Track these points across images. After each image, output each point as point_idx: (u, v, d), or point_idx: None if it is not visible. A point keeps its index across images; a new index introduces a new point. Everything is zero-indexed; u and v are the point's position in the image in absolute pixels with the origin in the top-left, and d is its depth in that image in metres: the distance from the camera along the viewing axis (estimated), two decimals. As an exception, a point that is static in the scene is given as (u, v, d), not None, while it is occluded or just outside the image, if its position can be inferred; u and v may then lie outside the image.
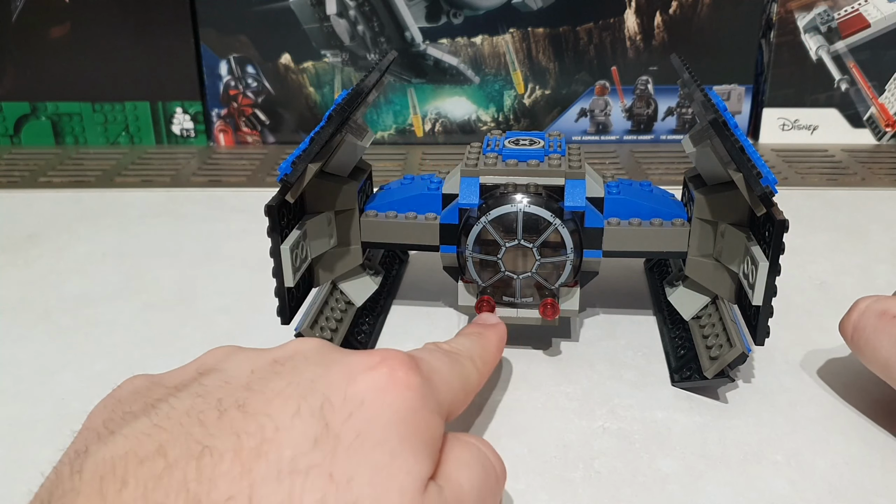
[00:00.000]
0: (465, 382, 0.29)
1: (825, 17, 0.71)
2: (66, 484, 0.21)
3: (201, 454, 0.21)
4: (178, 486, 0.20)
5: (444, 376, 0.27)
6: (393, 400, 0.23)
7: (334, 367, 0.24)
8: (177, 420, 0.22)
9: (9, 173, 0.69)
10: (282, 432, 0.22)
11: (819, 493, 0.30)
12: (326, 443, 0.22)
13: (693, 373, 0.37)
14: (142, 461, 0.21)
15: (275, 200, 0.34)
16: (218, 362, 0.26)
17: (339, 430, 0.22)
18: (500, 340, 0.34)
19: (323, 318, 0.39)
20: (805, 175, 0.67)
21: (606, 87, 0.74)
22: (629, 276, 0.48)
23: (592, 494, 0.30)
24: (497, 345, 0.34)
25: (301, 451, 0.21)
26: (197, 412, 0.22)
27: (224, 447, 0.21)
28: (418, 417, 0.24)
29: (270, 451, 0.21)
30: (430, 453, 0.24)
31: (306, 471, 0.21)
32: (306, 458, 0.21)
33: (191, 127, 0.76)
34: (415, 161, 0.71)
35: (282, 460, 0.21)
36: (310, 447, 0.21)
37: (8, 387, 0.38)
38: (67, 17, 0.72)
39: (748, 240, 0.35)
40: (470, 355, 0.30)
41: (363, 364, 0.24)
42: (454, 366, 0.29)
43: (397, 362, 0.24)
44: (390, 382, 0.24)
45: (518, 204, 0.36)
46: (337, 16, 0.71)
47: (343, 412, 0.22)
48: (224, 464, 0.21)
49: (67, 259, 0.52)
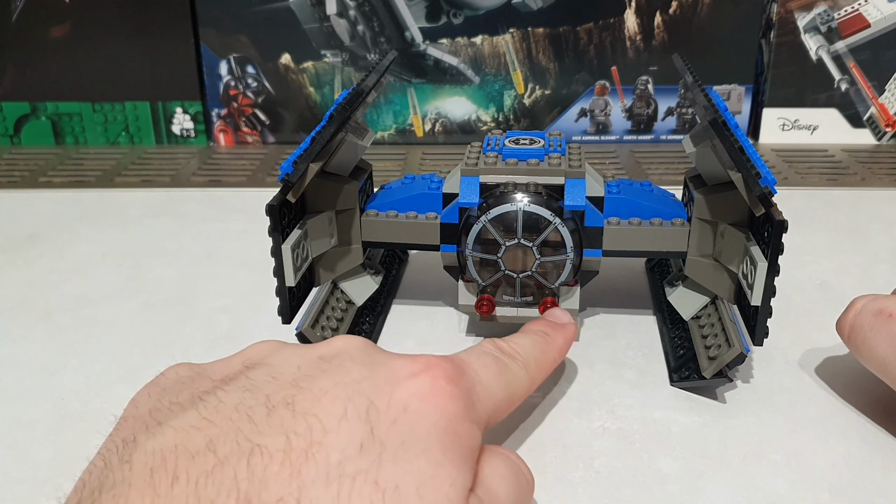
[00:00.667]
0: (510, 391, 0.28)
1: (825, 17, 0.71)
2: (117, 474, 0.21)
3: (252, 452, 0.21)
4: (230, 483, 0.20)
5: (488, 385, 0.27)
6: (434, 409, 0.23)
7: (379, 369, 0.24)
8: (226, 415, 0.22)
9: (9, 173, 0.69)
10: (330, 435, 0.22)
11: (819, 493, 0.30)
12: (372, 448, 0.22)
13: (692, 373, 0.37)
14: (192, 456, 0.21)
15: (276, 200, 0.34)
16: (264, 357, 0.26)
17: (384, 436, 0.22)
18: (565, 344, 0.34)
19: (324, 318, 0.39)
20: (805, 175, 0.67)
21: (606, 87, 0.74)
22: (629, 276, 0.48)
23: (592, 494, 0.30)
24: (561, 349, 0.33)
25: (348, 455, 0.21)
26: (246, 407, 0.22)
27: (274, 447, 0.21)
28: (459, 427, 0.24)
29: (319, 454, 0.21)
30: (470, 465, 0.23)
31: (353, 476, 0.21)
32: (353, 463, 0.21)
33: (191, 127, 0.76)
34: (415, 161, 0.71)
35: (329, 464, 0.21)
36: (356, 452, 0.21)
37: (8, 387, 0.38)
38: (67, 17, 0.72)
39: (747, 240, 0.35)
40: (525, 360, 0.30)
41: (407, 369, 0.24)
42: (501, 374, 0.28)
43: (441, 371, 0.24)
44: (433, 391, 0.24)
45: (518, 203, 0.36)
46: (337, 16, 0.71)
47: (387, 418, 0.22)
48: (274, 464, 0.21)
49: (67, 259, 0.52)
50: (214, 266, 0.50)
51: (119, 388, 0.37)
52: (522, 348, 0.30)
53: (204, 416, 0.22)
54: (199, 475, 0.20)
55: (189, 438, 0.22)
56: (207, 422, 0.22)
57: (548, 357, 0.32)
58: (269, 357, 0.26)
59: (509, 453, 0.26)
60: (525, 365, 0.30)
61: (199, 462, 0.21)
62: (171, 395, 0.24)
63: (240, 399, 0.23)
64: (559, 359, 0.33)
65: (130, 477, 0.21)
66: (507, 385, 0.28)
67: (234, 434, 0.22)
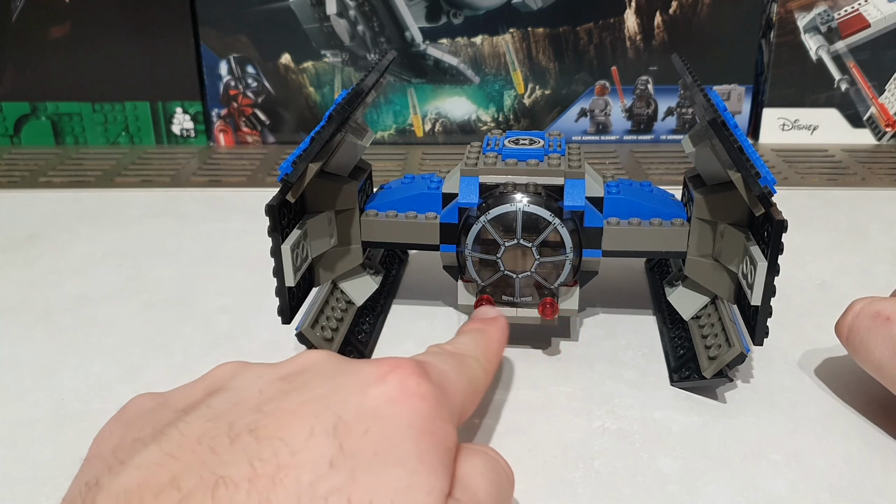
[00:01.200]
0: (473, 384, 0.28)
1: (825, 17, 0.71)
2: None
3: (216, 485, 0.20)
4: None
5: (454, 380, 0.27)
6: (407, 411, 0.23)
7: (344, 379, 0.24)
8: (188, 448, 0.22)
9: (9, 173, 0.69)
10: (297, 456, 0.21)
11: (819, 493, 0.30)
12: (343, 464, 0.21)
13: (692, 373, 0.37)
14: (156, 494, 0.20)
15: (276, 200, 0.34)
16: (225, 381, 0.25)
17: (356, 448, 0.22)
18: (502, 335, 0.34)
19: (323, 318, 0.39)
20: (805, 175, 0.67)
21: (606, 87, 0.74)
22: (629, 276, 0.48)
23: (592, 494, 0.30)
24: (500, 340, 0.33)
25: (318, 474, 0.21)
26: (208, 438, 0.22)
27: (239, 476, 0.21)
28: (434, 428, 0.23)
29: (287, 478, 0.21)
30: (447, 468, 0.23)
31: (325, 496, 0.20)
32: (325, 483, 0.21)
33: (191, 127, 0.76)
34: (415, 161, 0.71)
35: (300, 486, 0.20)
36: (326, 470, 0.21)
37: (8, 387, 0.38)
38: (67, 17, 0.72)
39: (747, 240, 0.35)
40: (474, 355, 0.30)
41: (373, 375, 0.24)
42: (461, 368, 0.28)
43: (407, 371, 0.24)
44: (402, 393, 0.23)
45: (517, 203, 0.36)
46: (337, 16, 0.71)
47: (358, 429, 0.22)
48: (241, 494, 0.20)
49: (67, 259, 0.52)
50: (214, 266, 0.50)
51: (119, 388, 0.37)
52: (466, 345, 0.30)
53: (166, 452, 0.22)
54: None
55: (153, 476, 0.21)
56: (170, 457, 0.22)
57: (491, 348, 0.32)
58: (231, 381, 0.25)
59: (486, 448, 0.26)
60: (476, 358, 0.30)
61: (163, 500, 0.20)
62: (134, 431, 0.24)
63: (202, 429, 0.22)
64: (501, 350, 0.33)
65: None
66: (469, 378, 0.28)
67: (197, 467, 0.21)
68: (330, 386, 0.24)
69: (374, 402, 0.23)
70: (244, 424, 0.22)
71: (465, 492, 0.23)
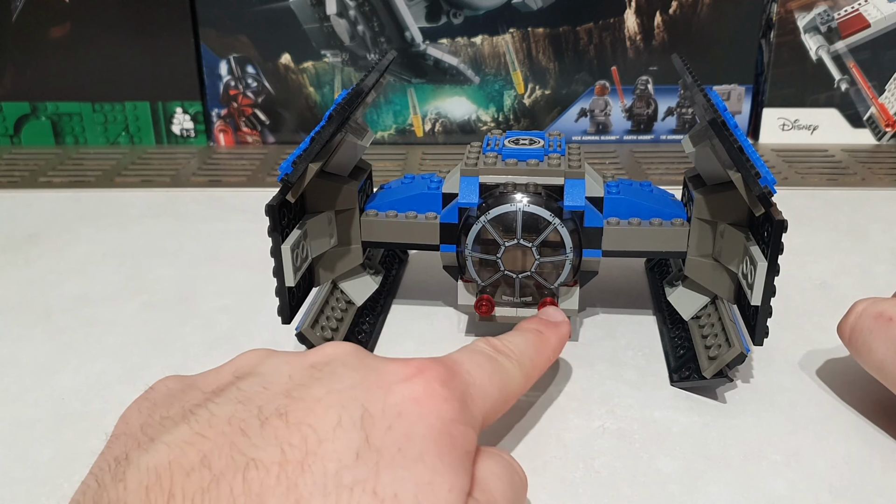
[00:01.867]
0: (504, 390, 0.28)
1: (825, 17, 0.71)
2: (111, 493, 0.21)
3: (247, 467, 0.21)
4: (227, 500, 0.20)
5: (482, 385, 0.27)
6: (429, 413, 0.23)
7: (371, 374, 0.24)
8: (219, 429, 0.22)
9: (9, 173, 0.69)
10: (325, 444, 0.21)
11: (819, 493, 0.30)
12: (368, 457, 0.21)
13: (692, 373, 0.37)
14: (187, 473, 0.21)
15: (275, 200, 0.34)
16: (254, 366, 0.25)
17: (380, 443, 0.22)
18: (559, 342, 0.33)
19: (323, 318, 0.39)
20: (805, 175, 0.67)
21: (606, 87, 0.74)
22: (629, 276, 0.48)
23: (592, 494, 0.30)
24: (555, 348, 0.33)
25: (344, 464, 0.21)
26: (238, 420, 0.22)
27: (269, 460, 0.21)
28: (454, 430, 0.23)
29: (315, 465, 0.21)
30: (466, 468, 0.23)
31: (351, 486, 0.21)
32: (350, 473, 0.21)
33: (191, 127, 0.76)
34: (415, 161, 0.71)
35: (327, 474, 0.21)
36: (352, 461, 0.21)
37: (8, 387, 0.38)
38: (67, 17, 0.72)
39: (747, 240, 0.35)
40: (519, 358, 0.30)
41: (400, 374, 0.24)
42: (495, 373, 0.28)
43: (433, 374, 0.24)
44: (426, 394, 0.23)
45: (517, 203, 0.36)
46: (337, 16, 0.71)
47: (382, 424, 0.22)
48: (270, 478, 0.20)
49: (67, 259, 0.52)
50: (214, 266, 0.50)
51: (119, 388, 0.37)
52: (516, 346, 0.30)
53: (196, 431, 0.22)
54: (195, 492, 0.20)
55: (183, 454, 0.21)
56: (200, 436, 0.22)
57: (542, 355, 0.32)
58: (260, 366, 0.25)
59: (502, 453, 0.26)
60: (519, 363, 0.30)
61: (194, 479, 0.20)
62: (162, 410, 0.24)
63: (232, 411, 0.23)
64: (553, 357, 0.33)
65: (126, 496, 0.21)
66: (502, 383, 0.28)
67: (228, 448, 0.21)
68: (357, 378, 0.24)
69: (398, 400, 0.23)
70: (274, 408, 0.22)
71: (483, 493, 0.24)
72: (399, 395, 0.23)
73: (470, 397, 0.25)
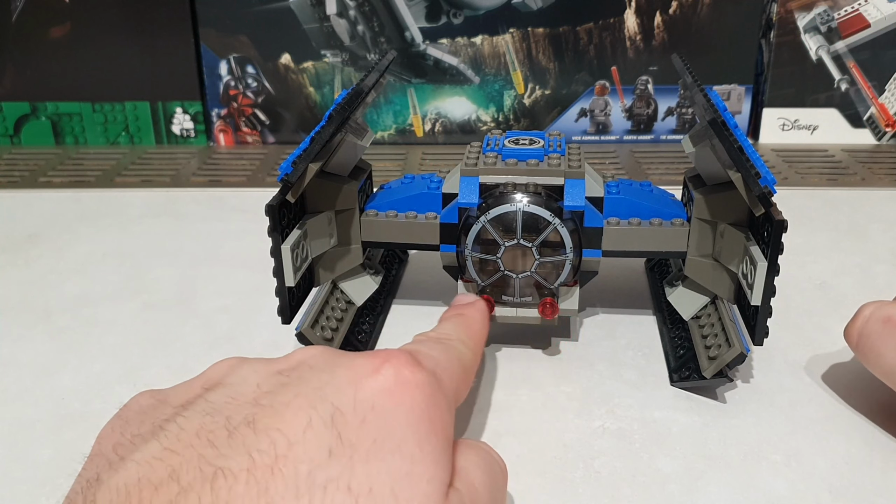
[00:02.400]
0: (463, 366, 0.29)
1: (825, 17, 0.71)
2: None
3: (214, 476, 0.21)
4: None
5: (445, 365, 0.27)
6: (403, 400, 0.23)
7: (339, 372, 0.24)
8: (187, 442, 0.22)
9: (9, 173, 0.69)
10: (295, 446, 0.21)
11: (819, 493, 0.30)
12: (342, 453, 0.21)
13: (692, 373, 0.37)
14: (156, 488, 0.21)
15: (275, 200, 0.34)
16: (223, 376, 0.25)
17: (354, 438, 0.22)
18: (482, 316, 0.34)
19: (323, 318, 0.39)
20: (805, 175, 0.67)
21: (606, 87, 0.74)
22: (629, 276, 0.48)
23: (592, 494, 0.30)
24: (481, 321, 0.34)
25: (317, 464, 0.21)
26: (206, 432, 0.22)
27: (238, 467, 0.21)
28: (432, 415, 0.23)
29: (286, 468, 0.21)
30: (447, 457, 0.23)
31: (324, 485, 0.21)
32: (323, 472, 0.21)
33: (191, 127, 0.76)
34: (415, 161, 0.71)
35: (298, 476, 0.21)
36: (325, 459, 0.21)
37: (8, 387, 0.38)
38: (67, 17, 0.72)
39: (747, 240, 0.35)
40: (459, 338, 0.30)
41: (367, 367, 0.24)
42: (449, 352, 0.28)
43: (401, 361, 0.24)
44: (397, 383, 0.23)
45: (517, 203, 0.36)
46: (337, 16, 0.71)
47: (355, 419, 0.22)
48: (239, 485, 0.20)
49: (67, 259, 0.52)
50: (214, 266, 0.50)
51: (119, 388, 0.37)
52: (451, 330, 0.31)
53: (165, 447, 0.22)
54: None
55: (152, 470, 0.21)
56: (169, 451, 0.22)
57: (474, 329, 0.32)
58: (228, 377, 0.25)
59: (479, 443, 0.26)
60: (461, 341, 0.30)
61: (162, 493, 0.20)
62: (133, 428, 0.24)
63: (200, 423, 0.22)
64: (484, 330, 0.34)
65: None
66: (459, 361, 0.28)
67: (196, 461, 0.21)
68: (325, 378, 0.24)
69: (369, 393, 0.23)
70: (242, 417, 0.22)
71: (464, 483, 0.24)
72: (369, 388, 0.23)
73: (439, 378, 0.25)
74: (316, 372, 0.24)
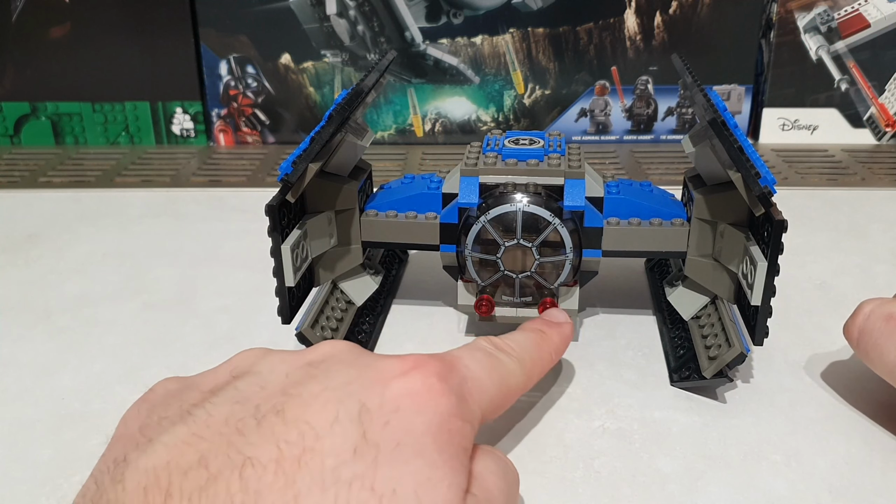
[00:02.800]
0: (504, 386, 0.28)
1: (825, 17, 0.71)
2: (110, 495, 0.21)
3: (244, 465, 0.21)
4: (224, 498, 0.20)
5: (480, 380, 0.27)
6: (426, 408, 0.23)
7: (368, 370, 0.24)
8: (216, 428, 0.22)
9: (9, 173, 0.69)
10: (322, 440, 0.21)
11: (819, 493, 0.30)
12: (367, 452, 0.21)
13: (692, 373, 0.37)
14: (185, 472, 0.21)
15: (275, 200, 0.34)
16: (251, 365, 0.25)
17: (378, 438, 0.22)
18: (562, 341, 0.33)
19: (323, 318, 0.39)
20: (805, 175, 0.67)
21: (606, 87, 0.74)
22: (629, 276, 0.48)
23: (592, 494, 0.30)
24: (557, 347, 0.33)
25: (342, 460, 0.21)
26: (235, 419, 0.22)
27: (266, 457, 0.21)
28: (452, 425, 0.23)
29: (312, 461, 0.21)
30: (464, 463, 0.23)
31: (349, 482, 0.21)
32: (348, 469, 0.21)
33: (191, 127, 0.76)
34: (415, 161, 0.71)
35: (325, 470, 0.21)
36: (350, 456, 0.21)
37: (8, 387, 0.38)
38: (67, 17, 0.72)
39: (747, 240, 0.35)
40: (520, 356, 0.30)
41: (396, 369, 0.24)
42: (494, 369, 0.28)
43: (430, 369, 0.24)
44: (424, 389, 0.23)
45: (517, 203, 0.36)
46: (337, 16, 0.71)
47: (380, 419, 0.22)
48: (268, 475, 0.20)
49: (67, 259, 0.52)
50: (214, 266, 0.50)
51: (119, 388, 0.37)
52: (518, 344, 0.30)
53: (194, 431, 0.22)
54: (193, 491, 0.20)
55: (181, 454, 0.21)
56: (198, 437, 0.22)
57: (543, 353, 0.32)
58: (257, 365, 0.25)
59: (494, 450, 0.26)
60: (520, 360, 0.30)
61: (191, 478, 0.21)
62: (160, 411, 0.24)
63: (229, 411, 0.23)
64: (556, 356, 0.33)
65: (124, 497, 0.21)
66: (501, 380, 0.28)
67: (225, 447, 0.21)
68: (353, 374, 0.24)
69: (395, 395, 0.23)
70: (271, 406, 0.23)
71: (480, 489, 0.24)
72: (396, 390, 0.23)
73: (468, 392, 0.25)
74: (345, 367, 0.24)
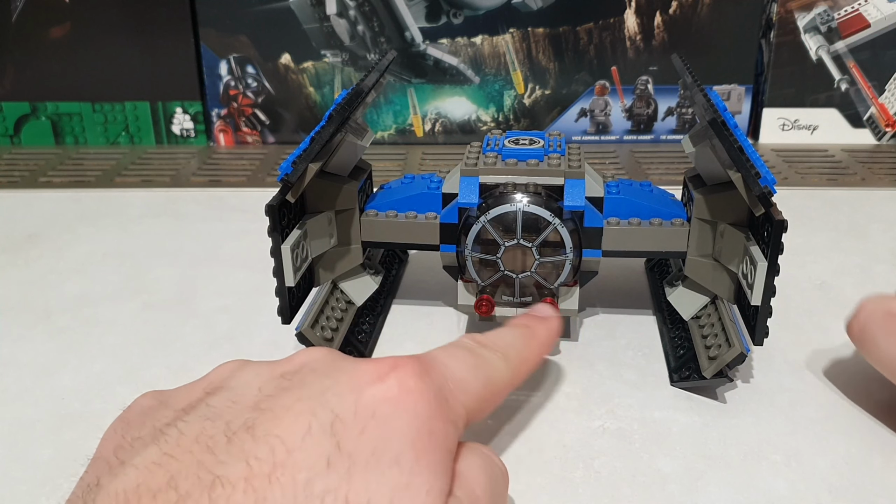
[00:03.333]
0: (489, 384, 0.27)
1: (825, 17, 0.71)
2: None
3: (213, 484, 0.20)
4: None
5: (462, 379, 0.26)
6: (405, 411, 0.22)
7: (342, 377, 0.23)
8: (186, 448, 0.22)
9: (9, 173, 0.69)
10: (293, 454, 0.21)
11: (819, 493, 0.30)
12: (340, 463, 0.21)
13: (692, 373, 0.37)
14: (154, 495, 0.20)
15: (275, 200, 0.34)
16: (225, 380, 0.25)
17: (353, 448, 0.21)
18: (548, 336, 0.32)
19: (323, 318, 0.39)
20: (805, 175, 0.67)
21: (606, 87, 0.74)
22: (629, 276, 0.48)
23: (592, 494, 0.30)
24: (543, 341, 0.32)
25: (314, 473, 0.21)
26: (206, 437, 0.22)
27: (236, 476, 0.20)
28: (433, 428, 0.23)
29: (283, 477, 0.20)
30: (446, 467, 0.23)
31: (321, 496, 0.20)
32: (321, 482, 0.21)
33: (191, 127, 0.76)
34: (415, 161, 0.71)
35: (296, 485, 0.20)
36: (323, 469, 0.21)
37: (8, 387, 0.38)
38: (67, 17, 0.72)
39: (747, 240, 0.35)
40: (505, 352, 0.29)
41: (372, 373, 0.23)
42: (477, 367, 0.27)
43: (407, 371, 0.23)
44: (401, 392, 0.23)
45: (517, 203, 0.36)
46: (337, 16, 0.71)
47: (355, 428, 0.22)
48: (237, 494, 0.20)
49: (67, 259, 0.52)
50: (214, 266, 0.50)
51: (119, 388, 0.37)
52: (502, 340, 0.29)
53: (165, 452, 0.22)
54: None
55: (151, 476, 0.21)
56: (168, 457, 0.21)
57: (530, 348, 0.31)
58: (230, 380, 0.25)
59: (481, 447, 0.26)
60: (505, 355, 0.28)
61: (160, 500, 0.20)
62: (135, 430, 0.24)
63: (200, 429, 0.22)
64: (544, 351, 0.32)
65: None
66: (486, 377, 0.27)
67: (195, 467, 0.21)
68: (327, 383, 0.23)
69: (371, 401, 0.22)
70: (241, 422, 0.22)
71: (464, 489, 0.23)
72: (372, 396, 0.23)
73: (449, 392, 0.25)
74: (318, 376, 0.24)
